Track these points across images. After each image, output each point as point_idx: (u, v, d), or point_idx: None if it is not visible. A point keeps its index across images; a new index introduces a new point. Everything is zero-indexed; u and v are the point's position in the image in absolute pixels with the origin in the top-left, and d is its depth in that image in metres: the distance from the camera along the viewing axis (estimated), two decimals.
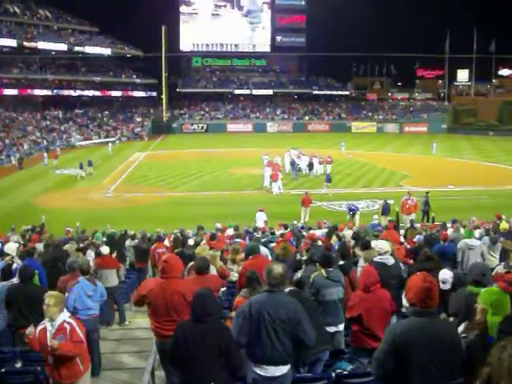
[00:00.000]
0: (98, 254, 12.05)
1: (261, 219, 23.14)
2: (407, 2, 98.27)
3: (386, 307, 6.16)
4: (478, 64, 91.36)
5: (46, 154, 47.80)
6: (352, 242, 12.24)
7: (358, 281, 6.36)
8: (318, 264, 7.18)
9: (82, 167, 39.61)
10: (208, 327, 4.99)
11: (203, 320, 4.99)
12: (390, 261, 7.81)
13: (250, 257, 8.72)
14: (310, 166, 37.82)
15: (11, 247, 10.46)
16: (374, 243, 8.37)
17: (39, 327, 5.88)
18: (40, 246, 13.58)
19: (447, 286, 7.39)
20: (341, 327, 6.77)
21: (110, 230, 19.34)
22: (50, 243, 13.16)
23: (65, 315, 5.92)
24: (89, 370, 6.19)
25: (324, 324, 6.45)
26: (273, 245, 13.30)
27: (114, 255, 13.00)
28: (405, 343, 4.08)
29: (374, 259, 7.82)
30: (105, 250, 11.88)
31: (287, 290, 5.80)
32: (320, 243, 11.83)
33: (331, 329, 6.67)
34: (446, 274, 7.19)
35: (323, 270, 7.00)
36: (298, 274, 6.37)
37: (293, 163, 37.99)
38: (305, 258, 7.79)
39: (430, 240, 12.92)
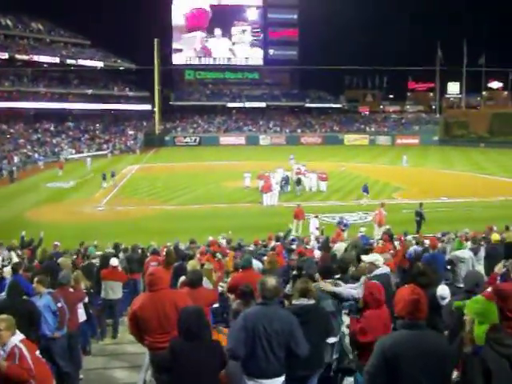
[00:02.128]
0: (105, 266, 11.99)
1: (313, 225, 23.92)
2: (398, 16, 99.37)
3: (390, 323, 5.83)
4: (469, 77, 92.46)
5: (89, 159, 51.53)
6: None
7: (366, 299, 6.07)
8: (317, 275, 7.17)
9: (104, 178, 40.66)
10: (198, 347, 4.93)
11: (192, 338, 4.93)
12: (387, 270, 7.81)
13: (241, 270, 8.71)
14: (298, 181, 36.82)
15: None
16: (370, 258, 8.26)
17: None
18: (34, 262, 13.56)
19: (446, 302, 7.39)
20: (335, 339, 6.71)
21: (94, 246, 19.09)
22: (44, 257, 13.12)
23: (16, 338, 5.63)
24: None
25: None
26: (265, 258, 13.28)
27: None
28: (394, 356, 4.06)
29: (375, 272, 7.74)
30: (114, 261, 11.82)
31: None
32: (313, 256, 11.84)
33: (331, 340, 6.63)
34: (444, 290, 7.17)
35: (323, 283, 6.98)
36: (287, 287, 6.32)
37: (286, 179, 37.23)
38: (294, 272, 7.77)
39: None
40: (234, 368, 5.22)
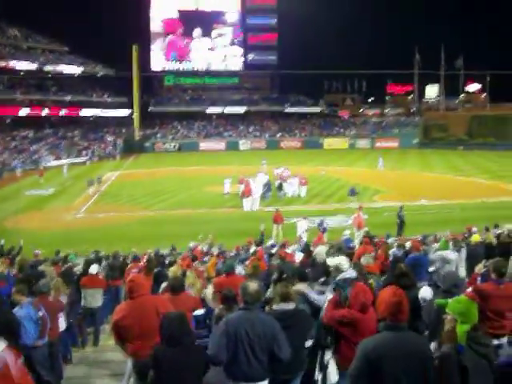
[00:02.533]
0: (84, 274, 11.92)
1: (301, 227, 24.02)
2: (376, 20, 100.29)
3: (375, 327, 5.52)
4: (447, 79, 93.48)
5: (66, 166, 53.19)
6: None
7: (352, 300, 6.01)
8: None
9: (91, 184, 40.77)
10: (181, 353, 4.93)
11: (173, 344, 4.93)
12: (353, 274, 7.70)
13: (224, 275, 8.72)
14: (280, 186, 36.94)
15: None
16: (334, 261, 8.04)
17: None
18: (13, 270, 13.37)
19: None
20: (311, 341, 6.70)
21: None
22: (24, 266, 12.96)
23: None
24: None
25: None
26: (247, 262, 13.30)
27: None
28: (377, 358, 4.08)
29: (340, 276, 7.62)
30: (93, 269, 11.75)
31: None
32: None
33: (308, 343, 6.63)
34: (426, 292, 7.24)
35: (300, 287, 7.00)
36: (268, 292, 6.32)
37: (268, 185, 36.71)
38: (274, 276, 7.73)
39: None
40: (214, 378, 5.23)
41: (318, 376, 6.36)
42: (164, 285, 8.59)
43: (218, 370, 5.32)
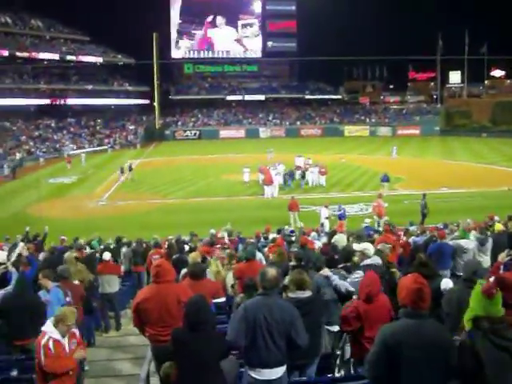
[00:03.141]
0: (99, 260, 12.11)
1: (323, 215, 23.99)
2: (398, 6, 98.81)
3: (386, 316, 5.87)
4: (471, 66, 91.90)
5: (83, 155, 53.57)
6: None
7: (359, 289, 6.17)
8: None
9: (122, 171, 41.52)
10: (202, 338, 4.96)
11: (197, 329, 4.96)
12: (379, 261, 7.87)
13: (244, 261, 8.78)
14: (303, 175, 36.78)
15: (1, 256, 10.45)
16: (360, 246, 8.33)
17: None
18: (41, 255, 13.68)
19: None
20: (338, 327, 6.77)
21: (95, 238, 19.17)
22: (52, 252, 13.24)
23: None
24: None
25: (326, 324, 6.47)
26: (266, 250, 13.33)
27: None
28: (396, 345, 4.05)
29: (365, 262, 7.84)
30: (106, 255, 11.96)
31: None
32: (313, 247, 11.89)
33: (334, 328, 6.69)
34: (448, 284, 7.24)
35: (325, 270, 7.12)
36: (286, 280, 6.40)
37: (291, 174, 36.86)
38: (293, 263, 7.82)
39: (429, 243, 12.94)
40: (229, 366, 5.27)
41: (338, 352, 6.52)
42: (184, 271, 8.66)
43: (230, 360, 5.39)
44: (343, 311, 6.11)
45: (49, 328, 5.80)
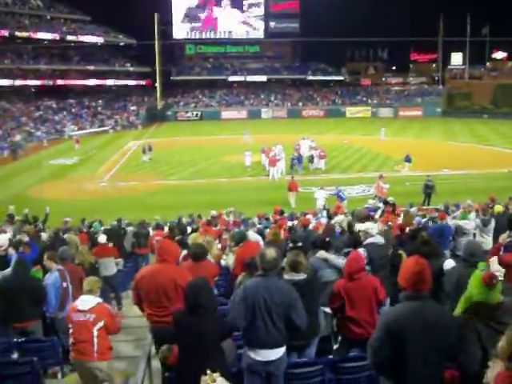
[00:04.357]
0: (95, 243, 12.08)
1: (321, 197, 23.95)
2: None
3: (370, 295, 6.00)
4: (472, 47, 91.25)
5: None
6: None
7: (344, 268, 6.28)
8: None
9: (144, 151, 41.13)
10: (203, 320, 4.95)
11: (197, 312, 4.95)
12: (381, 240, 7.89)
13: (240, 244, 8.77)
14: (311, 158, 35.83)
15: (2, 238, 10.41)
16: (363, 226, 8.39)
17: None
18: (44, 236, 13.65)
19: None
20: None
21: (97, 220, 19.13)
22: (56, 233, 13.22)
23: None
24: None
25: (321, 304, 6.46)
26: (268, 231, 13.31)
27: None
28: (398, 329, 4.02)
29: (366, 241, 7.88)
30: (102, 238, 11.92)
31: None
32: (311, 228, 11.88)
33: (328, 309, 6.68)
34: (450, 264, 7.25)
35: (321, 253, 7.13)
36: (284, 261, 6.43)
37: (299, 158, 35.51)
38: (290, 244, 7.85)
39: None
40: (227, 349, 5.26)
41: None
42: (184, 252, 8.61)
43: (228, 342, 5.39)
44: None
45: (97, 299, 6.31)
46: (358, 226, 8.49)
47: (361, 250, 7.68)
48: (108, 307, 6.36)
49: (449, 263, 7.25)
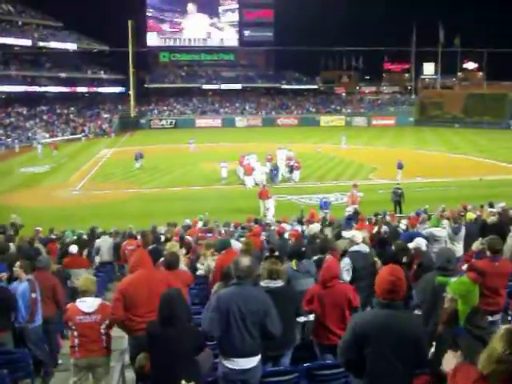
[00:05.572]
0: (66, 253, 11.86)
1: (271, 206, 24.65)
2: None
3: (342, 303, 6.05)
4: (444, 57, 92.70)
5: (40, 146, 50.52)
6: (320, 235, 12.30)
7: (320, 274, 6.35)
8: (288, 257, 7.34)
9: (137, 158, 40.78)
10: (177, 331, 4.93)
11: (171, 323, 4.93)
12: (366, 249, 7.98)
13: (223, 252, 8.76)
14: (291, 169, 34.64)
15: None
16: (349, 233, 8.52)
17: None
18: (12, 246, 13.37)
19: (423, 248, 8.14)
20: (311, 317, 6.77)
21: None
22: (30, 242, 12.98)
23: None
24: None
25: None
26: (243, 239, 13.29)
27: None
28: (365, 334, 4.10)
29: (351, 249, 7.96)
30: (73, 248, 11.69)
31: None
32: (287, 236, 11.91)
33: (301, 319, 6.71)
34: (420, 241, 7.41)
35: (293, 262, 7.19)
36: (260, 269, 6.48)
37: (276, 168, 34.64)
38: (267, 253, 7.91)
39: (393, 232, 13.10)
40: (203, 357, 5.24)
41: None
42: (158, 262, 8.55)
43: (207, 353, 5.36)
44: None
45: (98, 299, 6.49)
46: (344, 234, 8.63)
47: (345, 259, 7.78)
48: (108, 304, 6.48)
49: (419, 240, 7.42)
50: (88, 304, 6.30)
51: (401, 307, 4.25)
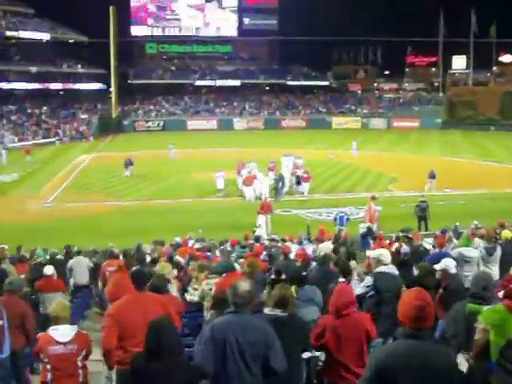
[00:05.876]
0: (39, 275, 11.86)
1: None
2: None
3: (359, 336, 5.93)
4: (477, 50, 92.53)
5: (4, 152, 50.94)
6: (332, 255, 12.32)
7: (330, 302, 6.24)
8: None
9: (126, 166, 41.19)
10: (167, 366, 4.86)
11: (160, 356, 4.87)
12: (395, 271, 7.97)
13: (224, 274, 8.75)
14: (298, 180, 34.21)
15: None
16: (375, 253, 8.50)
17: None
18: None
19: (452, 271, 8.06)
20: (317, 352, 6.67)
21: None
22: None
23: None
24: None
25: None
26: (241, 260, 13.30)
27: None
28: (388, 370, 4.04)
29: (377, 269, 7.94)
30: (48, 269, 11.68)
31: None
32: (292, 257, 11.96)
33: (306, 354, 6.67)
34: (449, 262, 7.45)
35: (293, 288, 7.14)
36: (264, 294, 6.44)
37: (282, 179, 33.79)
38: (272, 276, 7.89)
39: (416, 252, 13.10)
40: None
41: None
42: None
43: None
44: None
45: (73, 327, 6.54)
46: (369, 253, 8.61)
47: (368, 277, 7.74)
48: (86, 333, 6.54)
49: (448, 261, 7.43)
50: (62, 332, 6.30)
51: (428, 337, 4.21)
